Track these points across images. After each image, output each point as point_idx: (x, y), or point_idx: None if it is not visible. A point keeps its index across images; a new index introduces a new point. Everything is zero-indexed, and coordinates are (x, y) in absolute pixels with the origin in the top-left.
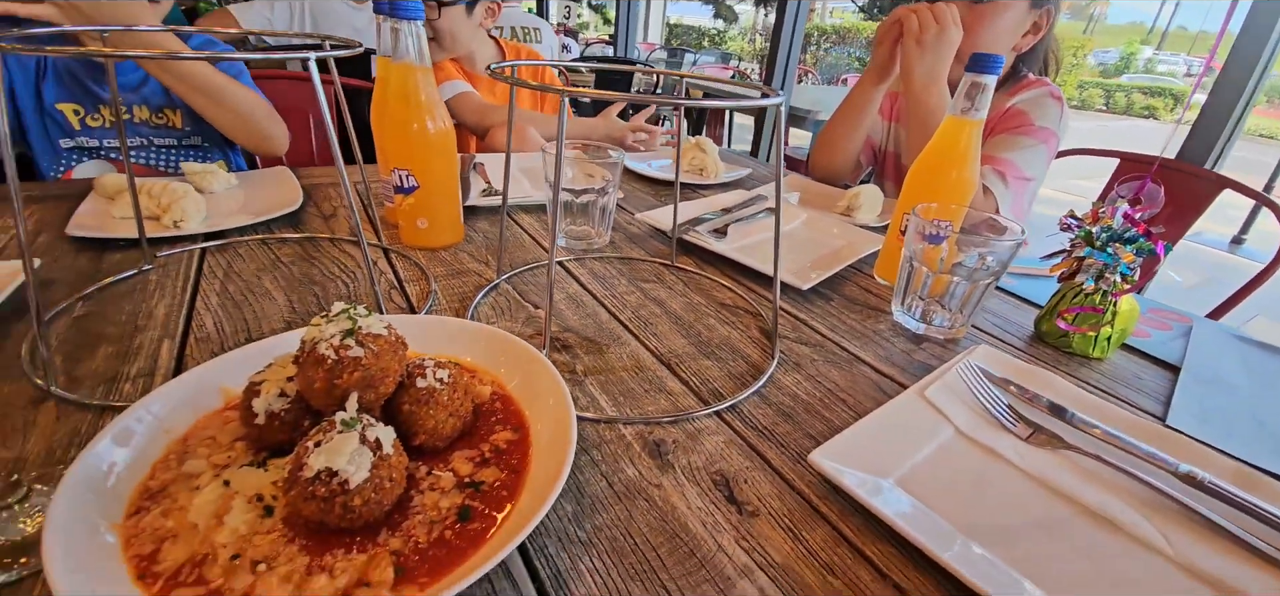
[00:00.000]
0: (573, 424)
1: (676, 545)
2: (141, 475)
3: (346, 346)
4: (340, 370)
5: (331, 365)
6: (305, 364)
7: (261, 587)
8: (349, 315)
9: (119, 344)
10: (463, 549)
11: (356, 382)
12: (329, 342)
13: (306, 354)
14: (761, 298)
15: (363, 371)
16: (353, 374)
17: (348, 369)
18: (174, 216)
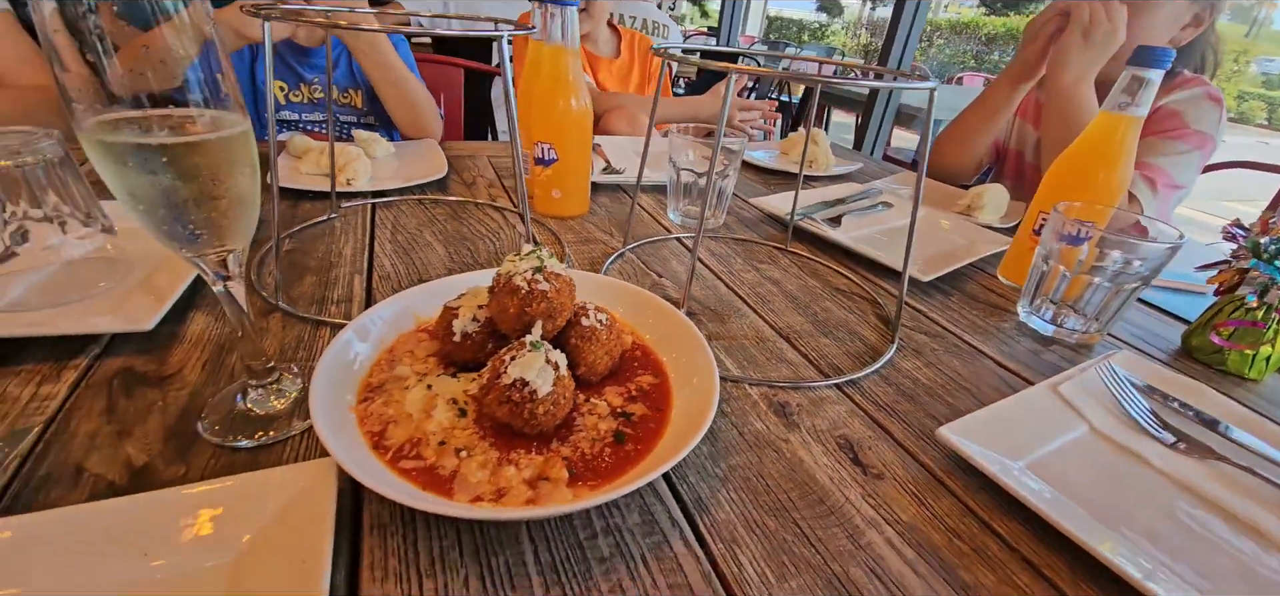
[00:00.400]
0: (715, 376)
1: (806, 492)
2: (362, 373)
3: (536, 280)
4: (531, 300)
5: (524, 294)
6: (500, 292)
7: (464, 469)
8: (538, 256)
9: (320, 274)
10: (619, 465)
11: (541, 312)
12: (523, 276)
13: (502, 284)
14: (877, 286)
15: (547, 303)
16: (540, 304)
17: (537, 299)
18: (348, 175)
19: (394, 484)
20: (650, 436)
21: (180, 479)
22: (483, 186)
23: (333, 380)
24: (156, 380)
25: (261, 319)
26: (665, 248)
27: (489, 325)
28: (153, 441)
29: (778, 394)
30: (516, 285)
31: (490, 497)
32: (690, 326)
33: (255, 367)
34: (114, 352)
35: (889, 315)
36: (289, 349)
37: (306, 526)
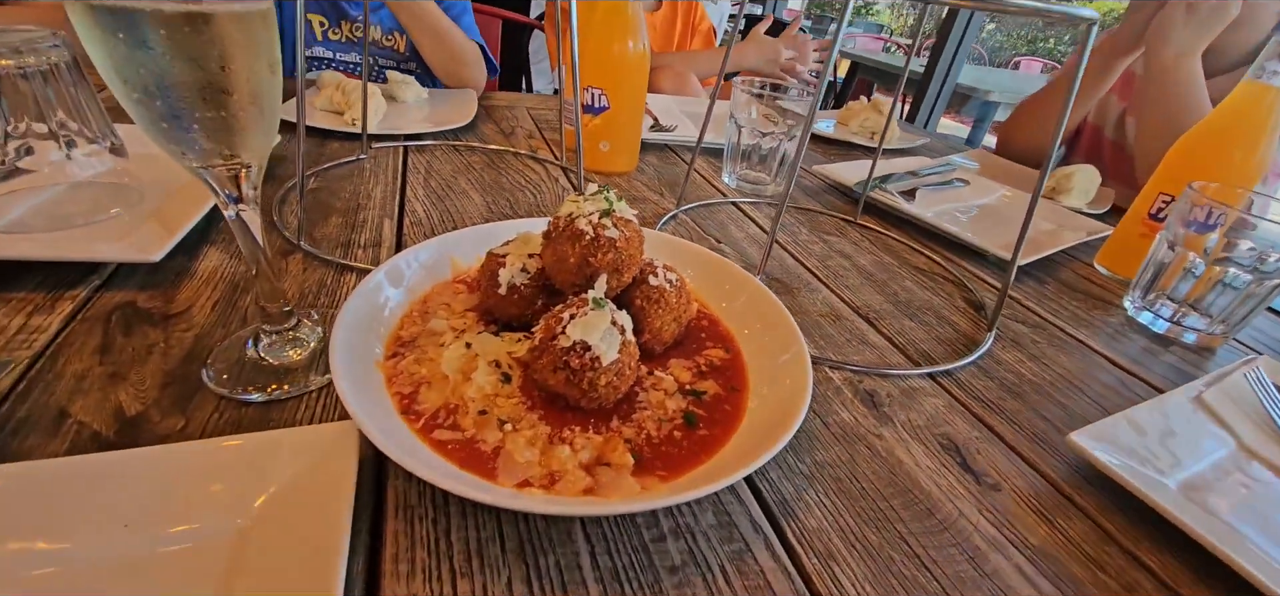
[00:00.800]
0: (807, 361)
1: (910, 501)
2: (393, 325)
3: (603, 226)
4: (596, 248)
5: (589, 242)
6: (559, 238)
7: (510, 444)
8: (605, 197)
9: (347, 216)
10: (692, 453)
11: (608, 264)
12: (588, 219)
13: (562, 228)
14: (961, 268)
15: (615, 253)
16: (606, 254)
17: (603, 248)
18: (353, 114)
19: (427, 458)
20: (725, 421)
21: (176, 434)
22: (522, 137)
23: (358, 329)
24: (160, 318)
25: (280, 259)
26: (722, 212)
27: (540, 277)
28: (149, 388)
29: (863, 380)
30: (580, 230)
31: (541, 483)
32: (772, 298)
33: (271, 311)
34: (116, 285)
35: (978, 300)
36: (309, 294)
37: (321, 502)
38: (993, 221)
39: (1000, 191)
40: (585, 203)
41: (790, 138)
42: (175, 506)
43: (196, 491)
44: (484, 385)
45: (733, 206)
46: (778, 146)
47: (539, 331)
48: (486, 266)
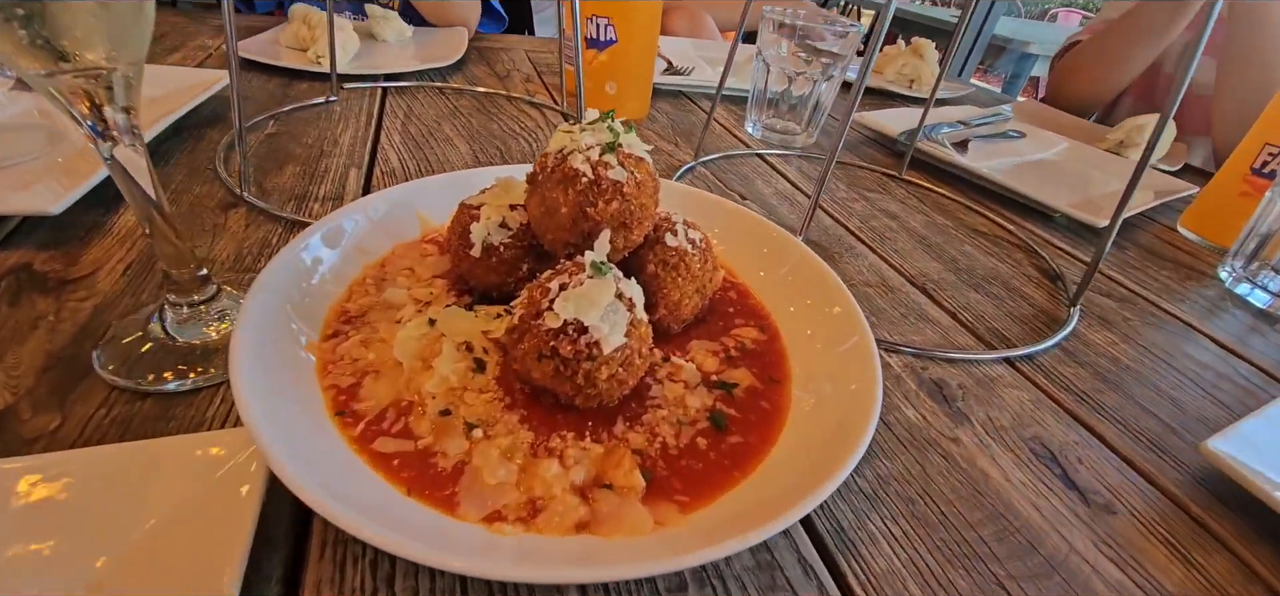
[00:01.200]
0: (874, 357)
1: (1004, 529)
2: (338, 295)
3: (606, 164)
4: (596, 195)
5: (586, 186)
6: (547, 182)
7: (479, 458)
8: (610, 126)
9: (307, 165)
10: (722, 467)
11: (612, 216)
12: (585, 156)
13: (552, 168)
14: (1027, 229)
15: (622, 202)
16: (610, 203)
17: (606, 195)
18: (318, 50)
19: (352, 486)
20: (763, 423)
21: (45, 437)
22: (518, 80)
23: (278, 303)
24: (56, 284)
25: (219, 213)
26: (746, 164)
27: (525, 235)
28: (24, 373)
29: (927, 366)
30: (575, 170)
31: (518, 515)
32: (824, 269)
33: (179, 279)
34: (14, 243)
35: (1052, 268)
36: (248, 256)
37: (210, 543)
38: (1056, 177)
39: (1061, 144)
40: (582, 134)
41: (827, 78)
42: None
43: (38, 524)
44: (448, 376)
45: (758, 159)
46: (811, 91)
47: (520, 306)
48: (457, 220)
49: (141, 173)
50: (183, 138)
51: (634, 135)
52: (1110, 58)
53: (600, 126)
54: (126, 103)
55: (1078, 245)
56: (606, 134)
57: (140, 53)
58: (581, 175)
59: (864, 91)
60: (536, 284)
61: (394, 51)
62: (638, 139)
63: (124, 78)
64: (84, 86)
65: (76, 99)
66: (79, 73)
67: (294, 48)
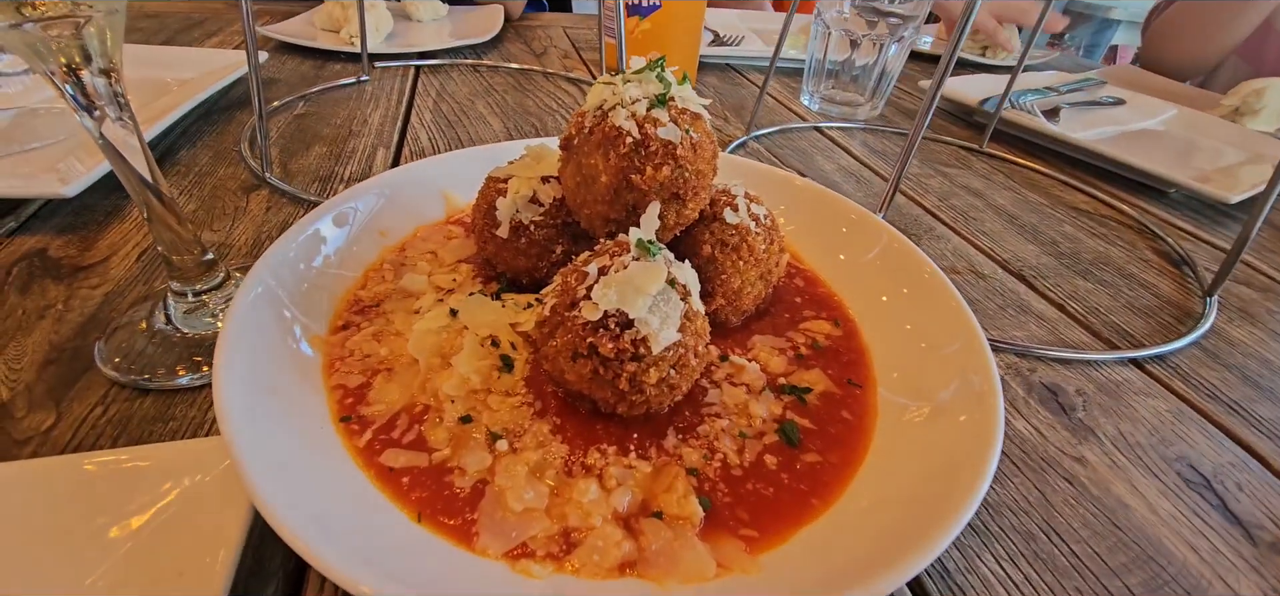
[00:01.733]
0: (991, 365)
1: (1155, 576)
2: (351, 281)
3: (655, 120)
4: (644, 158)
5: (631, 148)
6: (585, 145)
7: (503, 477)
8: (660, 75)
9: (334, 145)
10: (797, 493)
11: (663, 184)
12: (630, 112)
13: (590, 128)
14: (1139, 207)
15: (674, 168)
16: (660, 168)
17: (655, 158)
18: (351, 30)
19: (349, 521)
20: (846, 439)
21: (37, 437)
22: (555, 57)
23: (276, 295)
24: (69, 271)
25: (240, 196)
26: (803, 138)
27: (559, 212)
28: (26, 366)
29: (1036, 368)
30: (617, 129)
31: (548, 551)
32: (912, 249)
33: (181, 266)
34: (33, 228)
35: (1174, 251)
36: (268, 239)
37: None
38: (1163, 148)
39: (1167, 110)
40: (625, 85)
41: (897, 40)
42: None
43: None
44: (470, 375)
45: (816, 131)
46: (876, 58)
47: (552, 294)
48: (483, 196)
49: (134, 152)
50: (212, 121)
51: (688, 86)
52: (1216, 16)
53: (648, 76)
54: (104, 62)
55: (1199, 224)
56: (655, 85)
57: (116, 0)
58: (625, 135)
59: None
60: (572, 268)
61: (429, 30)
62: (692, 92)
63: (99, 31)
64: (57, 42)
65: (56, 64)
66: (47, 21)
67: (328, 29)
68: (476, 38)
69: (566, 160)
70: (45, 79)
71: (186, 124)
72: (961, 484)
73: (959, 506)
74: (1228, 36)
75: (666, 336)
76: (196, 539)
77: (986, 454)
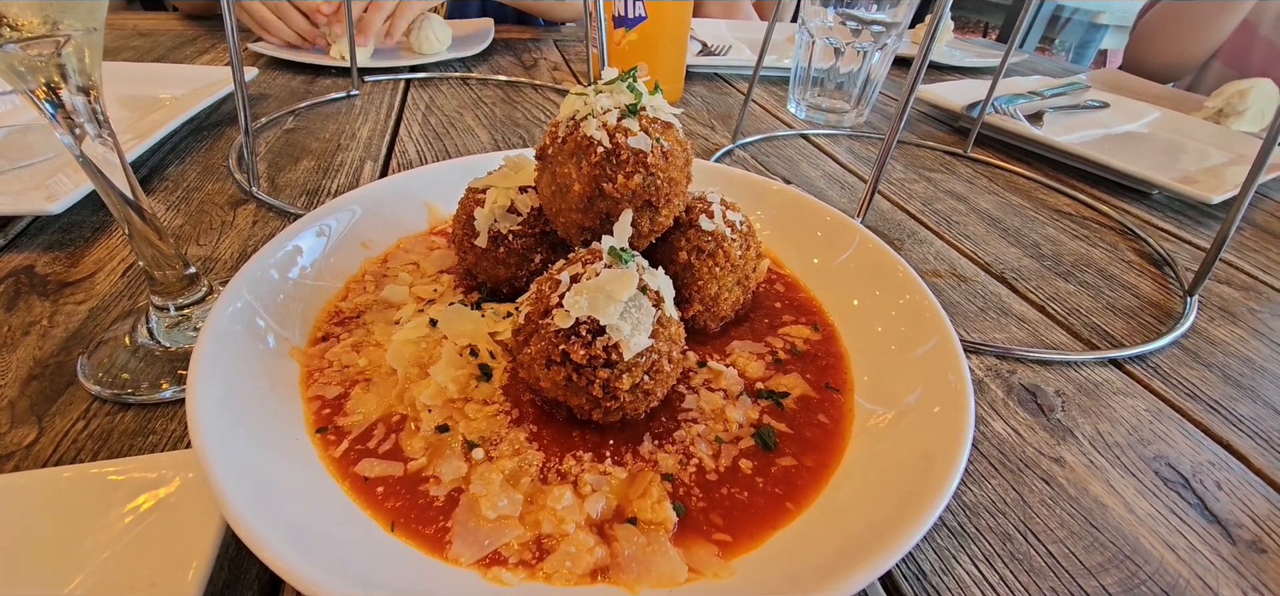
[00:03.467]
0: (962, 364)
1: (1132, 575)
2: (332, 293)
3: (626, 130)
4: (615, 166)
5: (603, 156)
6: (559, 154)
7: (478, 485)
8: (631, 86)
9: (322, 159)
10: (772, 497)
11: (634, 192)
12: (601, 121)
13: (563, 138)
14: (1120, 208)
15: (645, 175)
16: (631, 177)
17: (626, 166)
18: (341, 50)
19: (322, 530)
20: (822, 442)
21: (19, 452)
22: (545, 69)
23: (253, 307)
24: (55, 287)
25: (227, 210)
26: (789, 146)
27: (537, 222)
28: (10, 382)
29: (1015, 369)
30: (589, 138)
31: (521, 558)
32: (884, 250)
33: (163, 281)
34: (21, 245)
35: (1155, 251)
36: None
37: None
38: (1148, 150)
39: (1151, 113)
40: (597, 95)
41: (880, 48)
42: None
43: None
44: (447, 384)
45: (803, 139)
46: (861, 66)
47: (526, 302)
48: (462, 207)
49: (114, 169)
50: (201, 137)
51: (660, 97)
52: (1196, 17)
53: (619, 87)
54: (83, 80)
55: (1182, 225)
56: (626, 95)
57: (94, 19)
58: (597, 144)
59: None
60: (546, 276)
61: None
62: (664, 101)
63: (77, 50)
64: (37, 62)
65: (36, 83)
66: (26, 40)
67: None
68: (467, 51)
69: (542, 170)
70: (26, 98)
71: (176, 140)
72: (932, 478)
73: (929, 501)
74: (1209, 37)
75: (638, 343)
76: (170, 550)
77: (956, 447)
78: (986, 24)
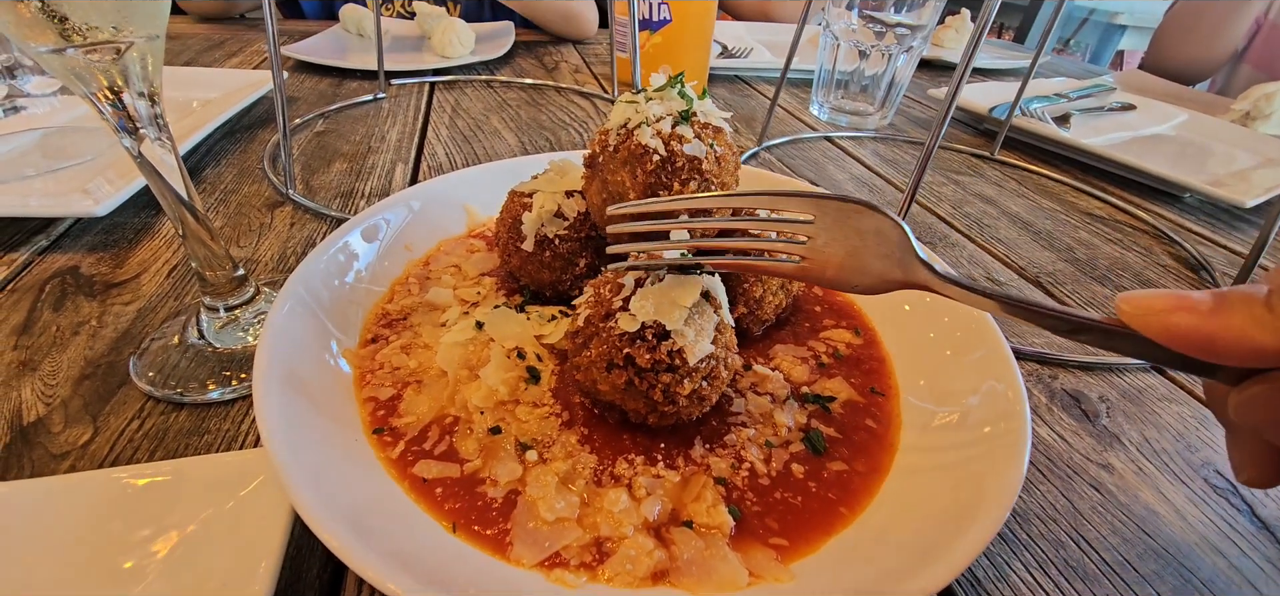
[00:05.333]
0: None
1: (1186, 584)
2: (378, 296)
3: (680, 137)
4: (671, 173)
5: (658, 165)
6: (611, 162)
7: (533, 487)
8: (680, 91)
9: (353, 161)
10: (827, 501)
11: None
12: (655, 130)
13: (615, 146)
14: (1153, 212)
15: (700, 181)
16: (687, 183)
17: (681, 173)
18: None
19: (386, 530)
20: (871, 446)
21: (75, 451)
22: (566, 72)
23: (310, 309)
24: (101, 288)
25: (264, 212)
26: (813, 148)
27: (582, 226)
28: (62, 382)
29: (1057, 374)
30: (643, 147)
31: (582, 560)
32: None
33: (213, 281)
34: (64, 246)
35: (1190, 255)
36: (294, 255)
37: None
38: (1176, 153)
39: (1179, 116)
40: (648, 102)
41: (906, 50)
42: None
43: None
44: (497, 386)
45: (827, 142)
46: (885, 68)
47: (585, 305)
48: (507, 211)
49: (171, 171)
50: (235, 139)
51: (709, 101)
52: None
53: (669, 93)
54: (146, 86)
55: (1214, 229)
56: (677, 101)
57: (156, 26)
58: (652, 152)
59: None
60: (604, 279)
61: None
62: (713, 106)
63: (140, 56)
64: (99, 66)
65: (97, 86)
66: (90, 47)
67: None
68: (489, 54)
69: (591, 177)
70: (86, 101)
71: (210, 143)
72: (993, 490)
73: (992, 513)
74: (1228, 36)
75: (702, 348)
76: (237, 550)
77: (1016, 461)
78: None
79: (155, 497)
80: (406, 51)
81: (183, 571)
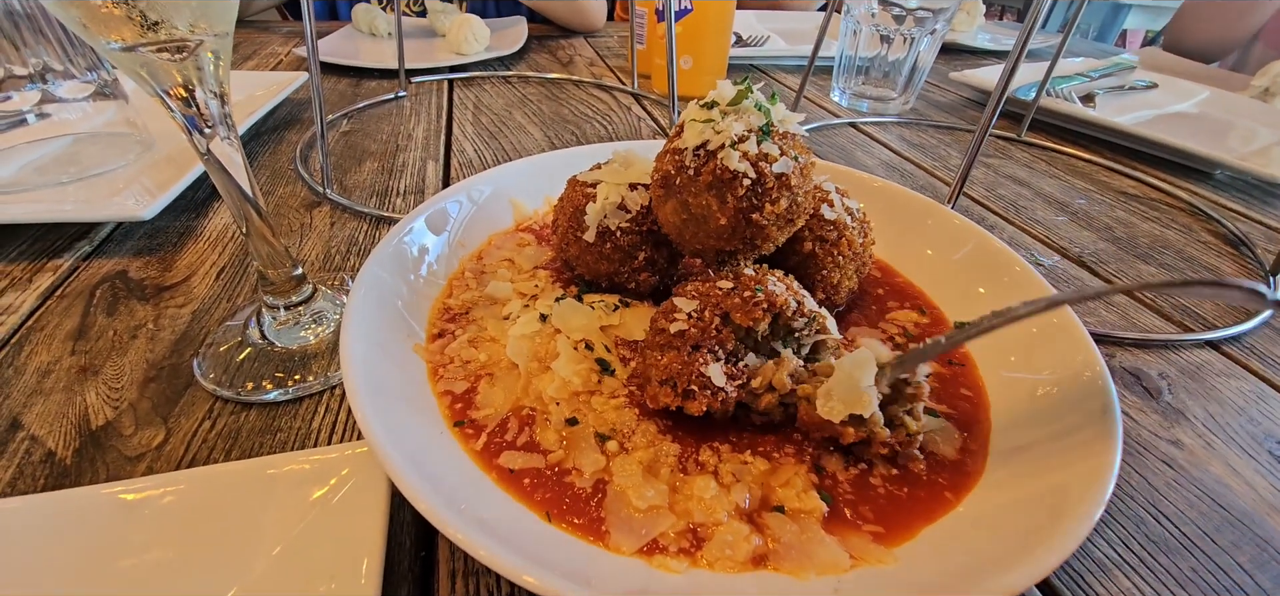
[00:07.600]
0: (1095, 356)
1: (1264, 554)
2: (437, 291)
3: (768, 156)
4: (762, 195)
5: (749, 188)
6: (692, 185)
7: (620, 476)
8: (758, 104)
9: (384, 160)
10: (915, 490)
11: (781, 215)
12: (742, 152)
13: (696, 169)
14: (1188, 189)
15: (790, 197)
16: (778, 202)
17: (772, 194)
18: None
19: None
20: (964, 421)
21: (150, 452)
22: (582, 65)
23: (388, 300)
24: (153, 291)
25: (303, 213)
26: (839, 135)
27: (644, 220)
28: (127, 385)
29: (1114, 352)
30: (732, 172)
31: (680, 546)
32: (1001, 246)
33: (274, 280)
34: (108, 251)
35: (1229, 231)
36: (336, 254)
37: (340, 560)
38: (1202, 130)
39: (1201, 93)
40: (725, 118)
41: (929, 34)
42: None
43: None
44: (570, 379)
45: (851, 128)
46: (907, 53)
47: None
48: (567, 200)
49: (238, 168)
50: (263, 141)
51: (781, 105)
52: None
53: (745, 107)
54: (218, 86)
55: (1248, 205)
56: (756, 114)
57: (227, 25)
58: (742, 177)
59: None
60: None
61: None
62: (785, 108)
63: (212, 54)
64: (171, 62)
65: (171, 84)
66: (163, 45)
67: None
68: (504, 49)
69: (667, 197)
70: (156, 98)
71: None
72: (1091, 471)
73: (1093, 493)
74: (1257, 15)
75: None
76: (339, 546)
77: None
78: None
79: (250, 494)
80: (422, 49)
81: (287, 570)
